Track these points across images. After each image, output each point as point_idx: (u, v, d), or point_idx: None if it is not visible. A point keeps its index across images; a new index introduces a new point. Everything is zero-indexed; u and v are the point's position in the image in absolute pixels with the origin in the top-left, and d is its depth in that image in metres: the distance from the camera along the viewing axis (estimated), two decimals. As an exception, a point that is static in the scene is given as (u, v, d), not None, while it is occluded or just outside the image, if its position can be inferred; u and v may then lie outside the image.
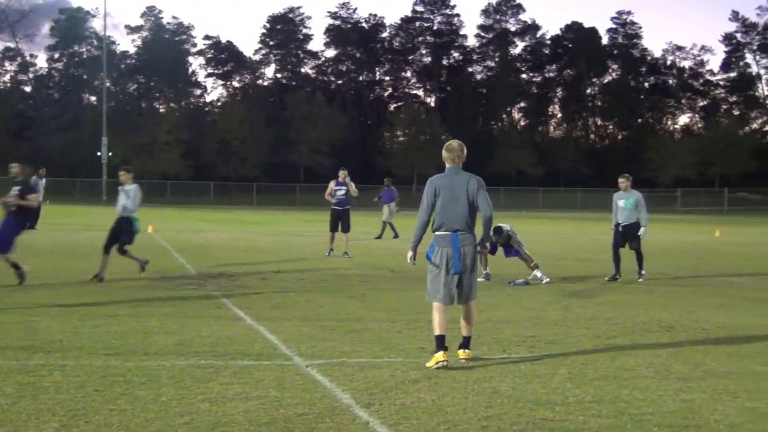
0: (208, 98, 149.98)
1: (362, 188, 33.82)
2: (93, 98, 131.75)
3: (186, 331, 11.37)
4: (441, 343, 9.54)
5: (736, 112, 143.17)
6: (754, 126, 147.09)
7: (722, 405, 7.93)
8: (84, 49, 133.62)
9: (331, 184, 25.56)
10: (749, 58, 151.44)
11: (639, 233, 19.46)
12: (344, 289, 16.83)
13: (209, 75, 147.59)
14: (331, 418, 7.21)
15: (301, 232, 38.76)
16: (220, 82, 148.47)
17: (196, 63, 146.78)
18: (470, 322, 9.92)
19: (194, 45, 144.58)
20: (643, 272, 19.56)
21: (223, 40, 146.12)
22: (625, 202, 19.69)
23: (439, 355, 9.42)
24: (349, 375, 8.86)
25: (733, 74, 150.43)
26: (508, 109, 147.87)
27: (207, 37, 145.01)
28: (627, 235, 19.61)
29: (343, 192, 25.34)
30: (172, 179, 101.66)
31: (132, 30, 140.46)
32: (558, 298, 16.05)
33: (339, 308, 13.94)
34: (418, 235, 10.06)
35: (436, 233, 9.85)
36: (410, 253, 10.20)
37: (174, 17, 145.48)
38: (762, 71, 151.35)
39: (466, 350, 9.83)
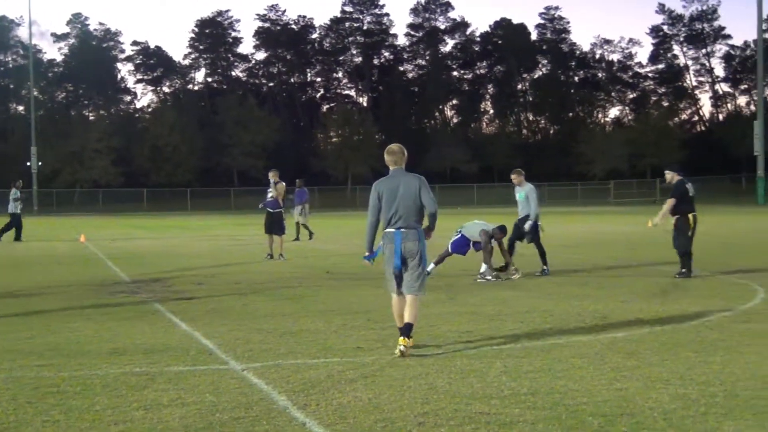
0: (139, 104, 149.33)
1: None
2: (21, 108, 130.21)
3: (120, 339, 11.26)
4: (403, 330, 10.21)
5: (665, 104, 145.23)
6: (684, 117, 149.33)
7: (656, 392, 8.01)
8: (9, 58, 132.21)
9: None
10: (676, 49, 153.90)
11: (524, 227, 19.44)
12: (280, 292, 16.78)
13: (139, 81, 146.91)
14: (268, 421, 7.18)
15: (236, 236, 38.57)
16: (150, 87, 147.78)
17: (125, 69, 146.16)
18: (411, 312, 10.22)
19: (122, 51, 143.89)
20: (545, 267, 19.53)
21: (152, 46, 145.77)
22: (519, 195, 19.66)
23: (401, 339, 10.09)
24: (286, 377, 8.83)
25: (661, 66, 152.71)
26: (441, 106, 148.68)
27: (135, 43, 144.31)
28: (520, 229, 19.60)
29: (272, 194, 25.12)
30: (104, 187, 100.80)
31: (58, 38, 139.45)
32: (494, 292, 16.12)
33: (275, 311, 13.88)
34: (369, 235, 10.72)
35: (384, 231, 10.45)
36: (366, 254, 10.84)
37: (101, 23, 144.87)
38: (689, 62, 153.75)
39: (407, 338, 10.09)
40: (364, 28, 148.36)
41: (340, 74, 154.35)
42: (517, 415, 7.27)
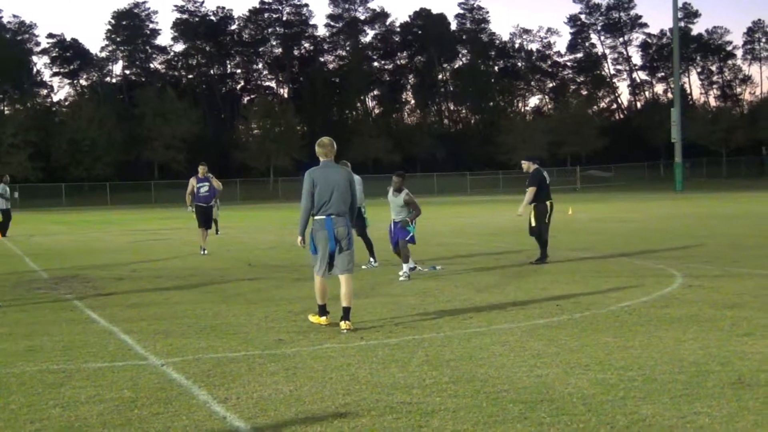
0: (56, 98, 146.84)
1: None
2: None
3: (36, 336, 11.07)
4: (323, 310, 11.39)
5: (584, 92, 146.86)
6: (602, 105, 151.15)
7: (575, 378, 8.07)
8: None
9: (192, 182, 24.92)
10: (594, 38, 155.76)
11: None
12: (201, 285, 16.65)
13: (55, 74, 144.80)
14: (188, 416, 7.10)
15: (157, 230, 38.18)
16: (67, 80, 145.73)
17: (40, 62, 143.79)
18: (348, 293, 11.14)
19: (38, 44, 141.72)
20: (371, 260, 19.49)
21: (68, 38, 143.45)
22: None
23: (322, 319, 11.34)
24: (206, 371, 8.74)
25: (579, 55, 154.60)
26: (362, 97, 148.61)
27: (50, 36, 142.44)
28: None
29: (206, 188, 24.76)
30: (20, 182, 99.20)
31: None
32: (416, 283, 16.16)
33: (196, 304, 13.76)
34: (303, 220, 11.44)
35: (315, 218, 11.28)
36: (299, 238, 11.65)
37: (15, 16, 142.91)
38: (607, 51, 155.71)
39: (347, 321, 11.02)
40: (284, 19, 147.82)
41: (260, 66, 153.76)
42: (438, 404, 7.27)
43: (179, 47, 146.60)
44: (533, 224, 19.44)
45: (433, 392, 7.68)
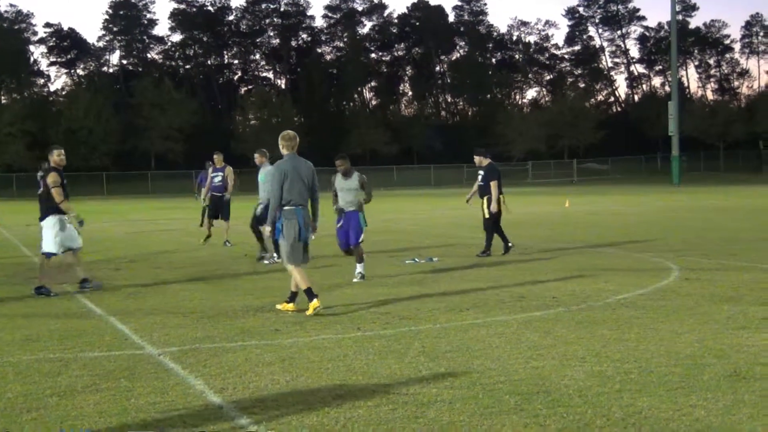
0: (53, 87, 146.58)
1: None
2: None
3: (34, 325, 11.07)
4: (311, 293, 11.52)
5: (581, 85, 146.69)
6: (600, 98, 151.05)
7: (571, 370, 8.09)
8: None
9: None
10: (592, 31, 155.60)
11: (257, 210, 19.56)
12: (198, 276, 16.65)
13: (52, 63, 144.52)
14: (184, 405, 7.12)
15: (154, 221, 38.17)
16: (64, 70, 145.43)
17: (37, 52, 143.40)
18: (304, 278, 11.70)
19: (35, 33, 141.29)
20: (265, 254, 19.15)
21: (65, 28, 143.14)
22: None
23: (315, 302, 11.44)
24: (203, 361, 8.76)
25: (577, 48, 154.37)
26: (359, 89, 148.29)
27: (48, 25, 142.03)
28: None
29: (219, 178, 24.33)
30: (17, 172, 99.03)
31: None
32: (413, 274, 16.16)
33: (193, 295, 13.77)
34: (273, 211, 11.83)
35: (285, 208, 11.66)
36: (269, 228, 12.08)
37: (11, 5, 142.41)
38: (605, 44, 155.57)
39: (294, 303, 11.86)
40: (281, 9, 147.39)
41: (257, 56, 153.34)
42: (434, 395, 7.29)
43: (176, 37, 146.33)
44: (486, 216, 19.44)
45: (429, 383, 7.69)
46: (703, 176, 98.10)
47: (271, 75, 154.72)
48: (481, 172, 19.70)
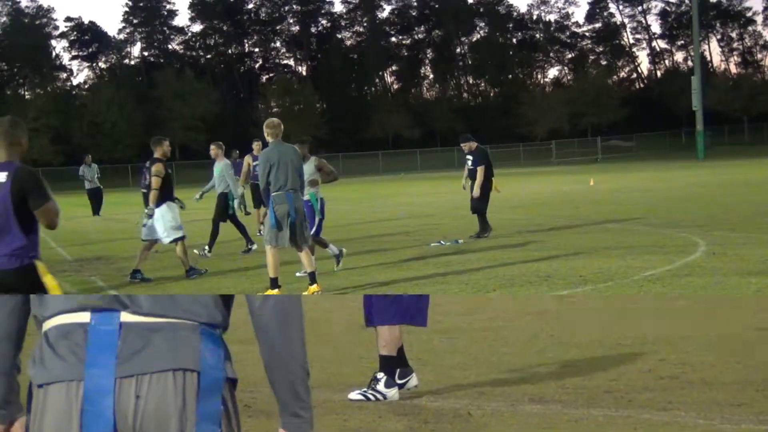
0: (75, 81, 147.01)
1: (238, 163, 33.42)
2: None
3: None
4: (276, 282, 11.88)
5: (603, 62, 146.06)
6: (622, 75, 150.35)
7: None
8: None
9: (248, 159, 24.03)
10: (612, 8, 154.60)
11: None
12: (236, 268, 16.64)
13: (74, 57, 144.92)
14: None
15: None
16: (86, 64, 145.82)
17: (59, 46, 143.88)
18: (310, 261, 12.02)
19: (56, 28, 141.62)
20: (205, 248, 18.90)
21: (86, 21, 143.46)
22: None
23: (275, 291, 11.74)
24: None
25: (598, 25, 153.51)
26: (381, 73, 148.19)
27: (68, 19, 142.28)
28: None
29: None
30: (42, 166, 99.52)
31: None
32: (436, 255, 16.11)
33: (233, 287, 13.77)
34: (266, 196, 12.12)
35: (274, 194, 11.83)
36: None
37: (32, 0, 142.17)
38: (626, 20, 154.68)
39: (316, 284, 11.94)
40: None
41: (278, 44, 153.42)
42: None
43: (197, 27, 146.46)
44: (475, 200, 19.44)
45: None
46: (728, 150, 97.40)
47: (291, 62, 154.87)
48: (470, 157, 19.71)
